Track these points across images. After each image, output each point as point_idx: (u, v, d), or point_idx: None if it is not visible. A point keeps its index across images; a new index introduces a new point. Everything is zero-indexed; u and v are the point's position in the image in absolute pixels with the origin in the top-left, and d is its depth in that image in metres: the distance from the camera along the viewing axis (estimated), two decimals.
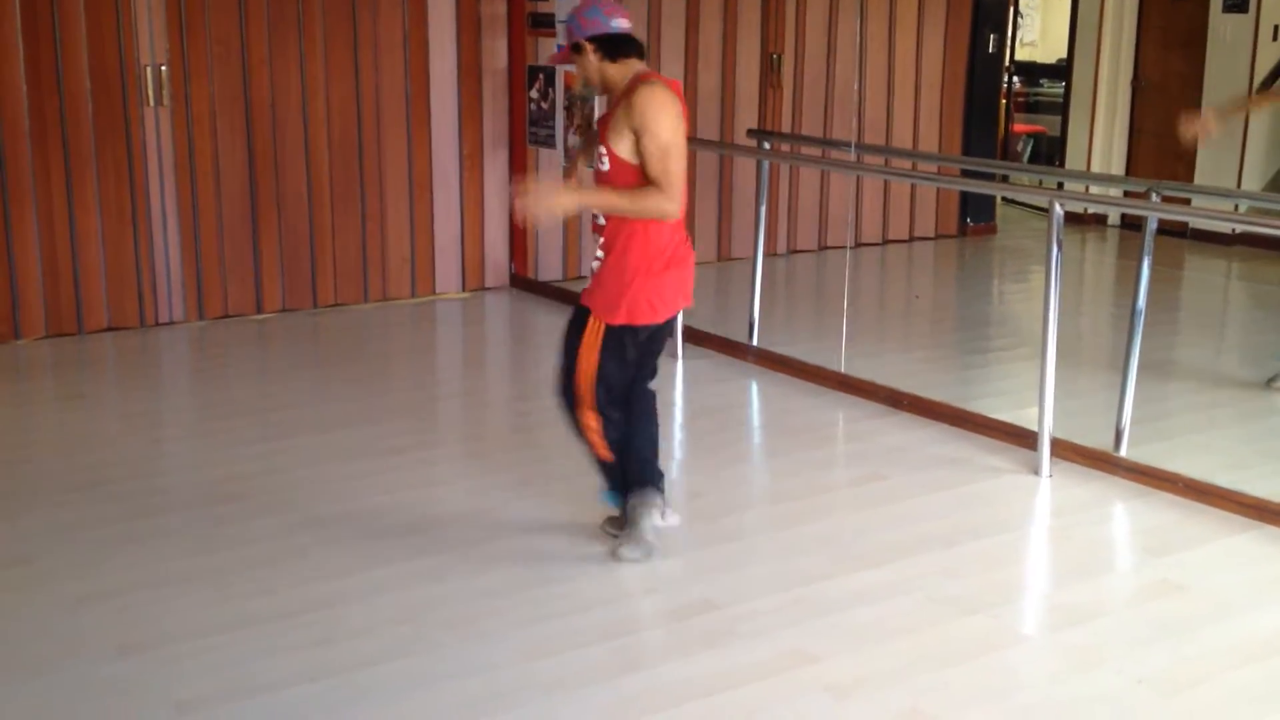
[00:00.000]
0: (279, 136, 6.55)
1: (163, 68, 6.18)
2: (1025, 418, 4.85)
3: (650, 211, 3.51)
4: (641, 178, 3.53)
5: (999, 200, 9.84)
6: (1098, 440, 4.69)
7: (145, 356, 6.09)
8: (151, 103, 6.19)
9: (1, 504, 4.18)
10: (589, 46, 3.59)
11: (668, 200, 3.50)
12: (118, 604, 3.49)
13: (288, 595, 3.55)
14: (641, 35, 7.56)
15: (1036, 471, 4.53)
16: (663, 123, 3.47)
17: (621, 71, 3.60)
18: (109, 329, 6.29)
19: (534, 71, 6.99)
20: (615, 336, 3.63)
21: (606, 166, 3.57)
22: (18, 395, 5.48)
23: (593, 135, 3.80)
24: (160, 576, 3.66)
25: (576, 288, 7.20)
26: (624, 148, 3.52)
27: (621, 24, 3.60)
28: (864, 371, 5.51)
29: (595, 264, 3.66)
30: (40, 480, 4.41)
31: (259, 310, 6.68)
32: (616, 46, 3.60)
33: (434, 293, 7.18)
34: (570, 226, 7.54)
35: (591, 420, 3.70)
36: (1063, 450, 4.61)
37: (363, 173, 6.82)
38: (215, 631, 3.34)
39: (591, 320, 3.65)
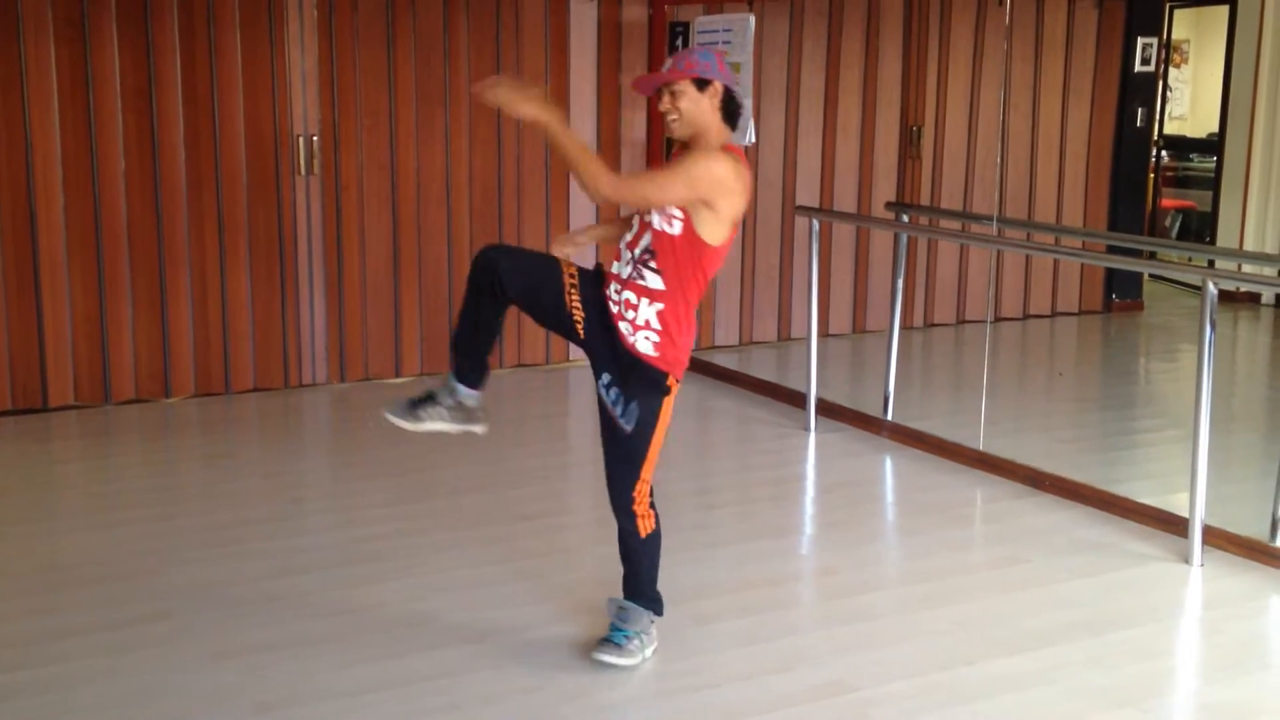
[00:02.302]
0: (422, 205, 6.70)
1: (314, 138, 6.39)
2: (1174, 503, 4.67)
3: (583, 172, 3.29)
4: (702, 247, 3.37)
5: (1146, 276, 9.58)
6: (1252, 529, 4.48)
7: (288, 417, 6.24)
8: (303, 171, 6.39)
9: (146, 560, 4.29)
10: (720, 90, 3.42)
11: (606, 184, 3.29)
12: (255, 662, 3.54)
13: (419, 659, 3.57)
14: (780, 105, 7.63)
15: (1187, 560, 4.35)
16: (714, 177, 3.30)
17: (719, 135, 3.45)
18: (254, 389, 6.47)
19: (671, 143, 7.03)
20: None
21: (678, 230, 3.36)
22: (166, 453, 5.65)
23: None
24: (296, 636, 3.70)
25: (709, 357, 7.23)
26: (701, 216, 3.34)
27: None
28: (1003, 450, 5.37)
29: (633, 315, 3.42)
30: (184, 537, 4.52)
31: (398, 374, 6.80)
32: (734, 112, 3.48)
33: (568, 360, 7.23)
34: (705, 298, 7.53)
35: (651, 519, 3.56)
36: (1215, 538, 4.42)
37: (501, 240, 6.93)
38: (348, 694, 3.36)
39: (672, 387, 3.44)
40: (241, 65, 6.20)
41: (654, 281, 3.40)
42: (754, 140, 6.39)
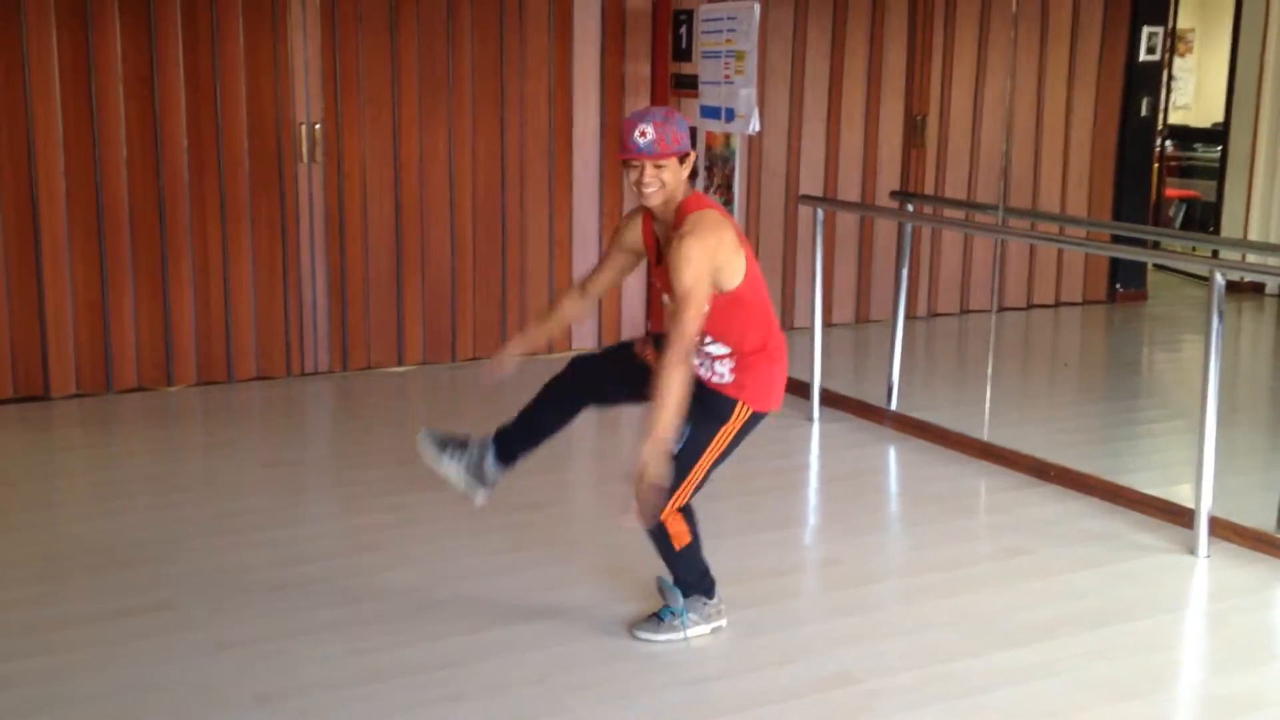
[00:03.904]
0: (425, 194, 6.68)
1: (317, 126, 6.36)
2: (1179, 494, 4.65)
3: (678, 396, 3.26)
4: (733, 295, 3.42)
5: (1150, 267, 9.55)
6: (1258, 520, 4.46)
7: (290, 406, 6.22)
8: (305, 159, 6.37)
9: (147, 549, 4.28)
10: (693, 157, 3.46)
11: (683, 357, 3.27)
12: (256, 652, 3.53)
13: (422, 649, 3.56)
14: (786, 95, 7.60)
15: (1192, 551, 4.33)
16: (711, 259, 3.35)
17: (684, 191, 3.46)
18: (257, 378, 6.45)
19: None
20: (752, 424, 3.53)
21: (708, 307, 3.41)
22: (167, 441, 5.64)
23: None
24: (298, 626, 3.69)
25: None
26: (718, 280, 3.39)
27: None
28: (1008, 440, 5.35)
29: (712, 366, 3.50)
30: (185, 526, 4.51)
31: (400, 363, 6.79)
32: (695, 170, 3.52)
33: (571, 349, 7.21)
34: None
35: (684, 526, 3.59)
36: (1220, 529, 4.40)
37: (505, 230, 6.91)
38: (350, 684, 3.35)
39: (735, 414, 3.48)
40: (244, 52, 6.17)
41: (718, 349, 3.49)
42: (758, 129, 6.36)
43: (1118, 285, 9.05)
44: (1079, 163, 8.65)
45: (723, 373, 3.49)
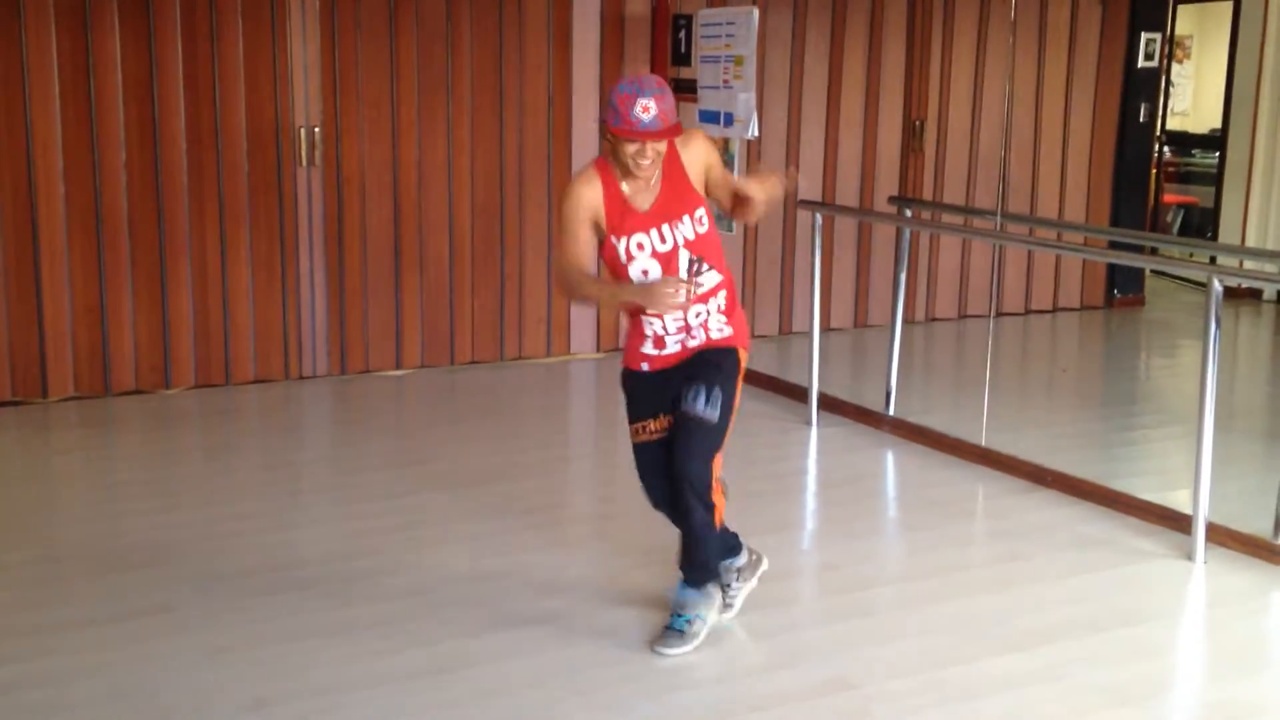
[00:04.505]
0: (424, 196, 6.68)
1: (316, 129, 6.37)
2: (1176, 500, 4.66)
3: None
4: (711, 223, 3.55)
5: (1147, 272, 9.56)
6: (1255, 526, 4.46)
7: (288, 409, 6.22)
8: (304, 163, 6.37)
9: (145, 552, 4.28)
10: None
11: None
12: (253, 656, 3.53)
13: (418, 654, 3.56)
14: (784, 100, 7.60)
15: (1189, 557, 4.33)
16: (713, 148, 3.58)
17: None
18: (255, 381, 6.45)
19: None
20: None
21: (707, 226, 3.52)
22: (165, 444, 5.64)
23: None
24: (295, 630, 3.69)
25: None
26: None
27: None
28: (1006, 445, 5.35)
29: (702, 327, 3.55)
30: (183, 529, 4.51)
31: (398, 366, 6.79)
32: None
33: (569, 353, 7.21)
34: None
35: (722, 497, 3.64)
36: (1217, 535, 4.40)
37: (503, 233, 6.91)
38: (346, 689, 3.35)
39: (743, 359, 3.60)
40: (243, 55, 6.18)
41: (711, 279, 3.53)
42: (757, 134, 6.37)
43: (1115, 291, 9.06)
44: (1077, 168, 8.66)
45: (722, 332, 3.57)
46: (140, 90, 6.01)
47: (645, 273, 3.47)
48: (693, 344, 3.57)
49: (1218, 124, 9.91)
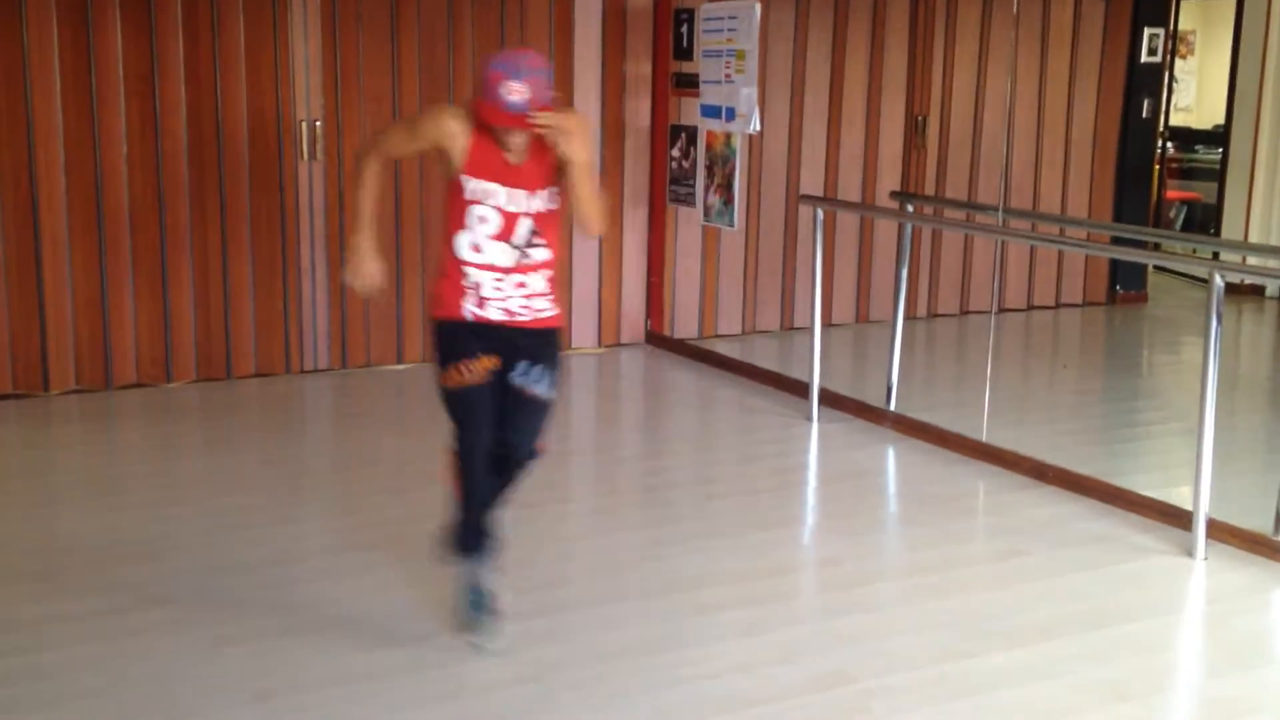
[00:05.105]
0: (425, 192, 6.68)
1: (317, 123, 6.36)
2: (1178, 496, 4.65)
3: (599, 204, 3.48)
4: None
5: (1150, 268, 9.55)
6: (1255, 522, 4.46)
7: (290, 403, 6.23)
8: (305, 157, 6.37)
9: (145, 545, 4.28)
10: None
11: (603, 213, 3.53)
12: (253, 649, 3.53)
13: (418, 647, 3.56)
14: (786, 95, 7.60)
15: (1190, 553, 4.33)
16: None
17: None
18: (256, 375, 6.45)
19: (676, 131, 7.03)
20: None
21: (557, 203, 3.50)
22: (167, 438, 5.64)
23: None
24: (295, 623, 3.69)
25: (712, 346, 7.21)
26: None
27: None
28: (1007, 441, 5.35)
29: (526, 301, 3.49)
30: (184, 523, 4.51)
31: (399, 360, 6.79)
32: None
33: (570, 347, 7.21)
34: (708, 284, 7.53)
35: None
36: (1218, 531, 4.40)
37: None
38: (347, 681, 3.35)
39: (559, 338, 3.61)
40: (244, 49, 6.17)
41: (541, 254, 3.49)
42: (759, 129, 6.37)
43: (1117, 287, 9.06)
44: (1080, 164, 8.65)
45: (548, 311, 3.54)
46: (142, 84, 6.01)
47: (483, 220, 3.41)
48: (520, 318, 3.48)
49: (1221, 120, 9.89)
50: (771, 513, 4.78)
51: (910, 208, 7.09)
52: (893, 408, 5.94)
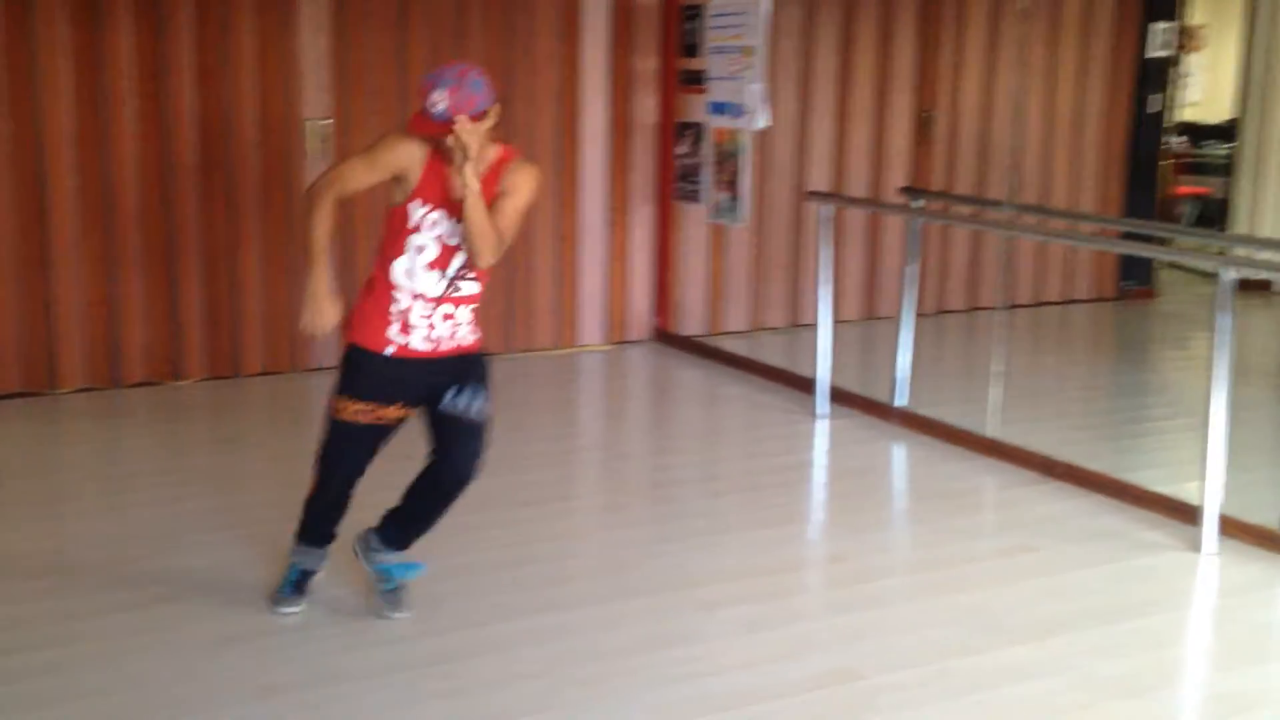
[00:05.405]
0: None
1: (325, 122, 6.36)
2: (1186, 491, 4.63)
3: (491, 240, 3.36)
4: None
5: (1159, 263, 9.52)
6: (1264, 517, 4.44)
7: (296, 401, 6.23)
8: (312, 155, 6.37)
9: (153, 543, 4.29)
10: (493, 113, 3.36)
11: (496, 248, 3.40)
12: (262, 645, 3.54)
13: (423, 643, 3.56)
14: (794, 91, 7.58)
15: (1198, 548, 4.31)
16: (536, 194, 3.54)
17: (488, 144, 3.44)
18: (263, 373, 6.46)
19: (684, 127, 7.02)
20: None
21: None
22: (174, 436, 5.65)
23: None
24: (303, 619, 3.70)
25: (719, 343, 7.20)
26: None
27: None
28: (1015, 437, 5.34)
29: (451, 330, 3.52)
30: (191, 520, 4.52)
31: None
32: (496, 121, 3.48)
33: (577, 344, 7.21)
34: (715, 281, 7.52)
35: None
36: (1227, 527, 4.38)
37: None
38: (352, 677, 3.36)
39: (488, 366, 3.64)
40: (253, 48, 6.18)
41: (470, 288, 3.53)
42: (767, 124, 6.35)
43: (1126, 282, 9.03)
44: (1089, 159, 8.63)
45: (470, 337, 3.57)
46: (149, 82, 6.01)
47: (420, 249, 3.43)
48: (442, 348, 3.51)
49: (1231, 114, 9.86)
50: (778, 509, 4.77)
51: (919, 203, 7.07)
52: (901, 404, 5.92)
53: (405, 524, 3.74)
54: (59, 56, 5.84)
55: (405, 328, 3.50)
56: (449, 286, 3.48)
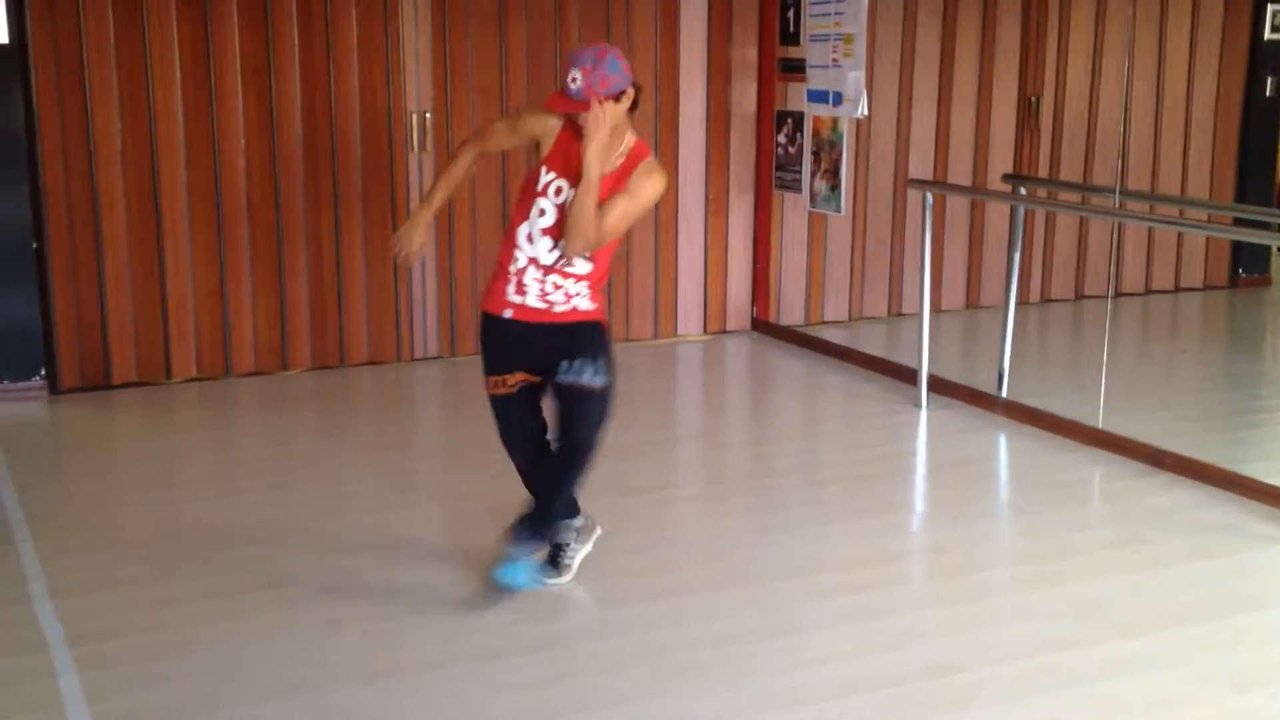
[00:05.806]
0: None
1: (427, 115, 6.45)
2: None
3: (592, 222, 3.45)
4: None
5: (1275, 251, 9.24)
6: None
7: (401, 390, 6.33)
8: (415, 148, 6.46)
9: (262, 528, 4.39)
10: (633, 94, 3.53)
11: (597, 233, 3.48)
12: (368, 630, 3.60)
13: (529, 630, 3.60)
14: (894, 77, 7.50)
15: None
16: (658, 196, 3.61)
17: (625, 125, 3.58)
18: (368, 363, 6.57)
19: (783, 116, 6.98)
20: None
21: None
22: (282, 424, 5.77)
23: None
24: (409, 605, 3.75)
25: (818, 332, 7.16)
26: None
27: None
28: (1123, 428, 5.23)
29: (565, 293, 3.60)
30: (299, 506, 4.61)
31: None
32: (636, 103, 3.60)
33: (676, 334, 7.22)
34: (814, 271, 7.48)
35: None
36: None
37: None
38: (458, 662, 3.40)
39: (606, 334, 3.67)
40: (357, 43, 6.28)
41: (582, 266, 3.58)
42: (866, 112, 6.30)
43: (1240, 270, 8.79)
44: (1200, 144, 8.41)
45: (586, 305, 3.63)
46: (258, 79, 6.15)
47: (542, 213, 3.54)
48: (558, 309, 3.60)
49: None
50: (879, 499, 4.73)
51: (1023, 190, 6.95)
52: (1004, 394, 5.83)
53: (538, 497, 3.77)
54: (170, 53, 5.99)
55: (520, 288, 3.60)
56: (560, 258, 3.54)
